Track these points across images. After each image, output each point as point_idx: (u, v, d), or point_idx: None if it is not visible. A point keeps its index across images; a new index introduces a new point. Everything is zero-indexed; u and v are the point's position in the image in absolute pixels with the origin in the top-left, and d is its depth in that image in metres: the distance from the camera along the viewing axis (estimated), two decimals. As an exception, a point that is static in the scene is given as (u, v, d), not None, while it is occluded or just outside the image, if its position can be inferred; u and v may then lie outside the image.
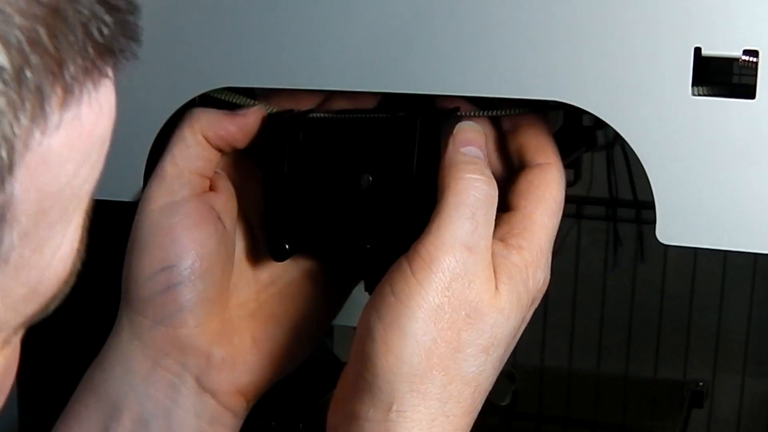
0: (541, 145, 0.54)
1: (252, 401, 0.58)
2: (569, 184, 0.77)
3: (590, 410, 1.15)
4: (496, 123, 0.56)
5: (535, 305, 0.52)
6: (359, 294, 0.58)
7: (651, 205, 0.51)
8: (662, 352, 1.39)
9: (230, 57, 0.54)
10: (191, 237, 0.55)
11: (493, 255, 0.50)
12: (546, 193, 0.52)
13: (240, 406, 0.57)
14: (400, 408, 0.48)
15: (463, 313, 0.49)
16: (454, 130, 0.52)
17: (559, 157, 0.54)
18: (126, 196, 0.57)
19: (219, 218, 0.56)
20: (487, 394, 0.51)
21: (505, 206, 0.52)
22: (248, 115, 0.56)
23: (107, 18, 0.29)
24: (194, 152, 0.56)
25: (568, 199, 0.55)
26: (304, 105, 0.57)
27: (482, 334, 0.49)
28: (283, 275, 0.59)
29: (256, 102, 0.57)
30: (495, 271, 0.50)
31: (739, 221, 0.49)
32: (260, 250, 0.58)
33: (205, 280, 0.55)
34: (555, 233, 0.53)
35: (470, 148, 0.52)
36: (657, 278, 1.37)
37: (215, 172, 0.57)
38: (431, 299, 0.48)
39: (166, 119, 0.56)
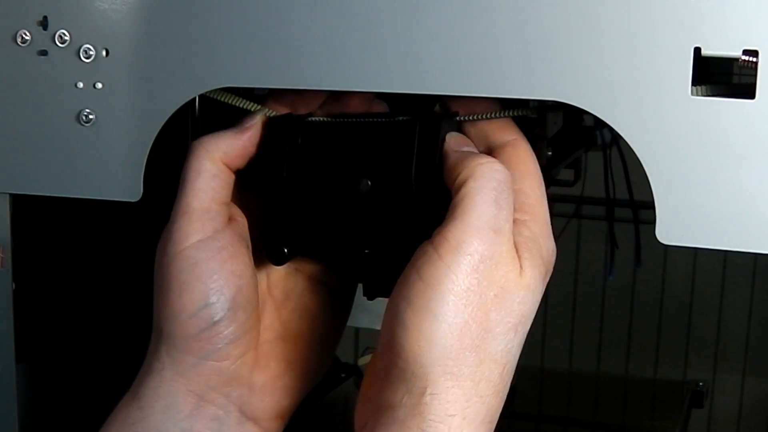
0: (502, 124, 0.55)
1: (287, 422, 0.58)
2: (569, 184, 0.77)
3: (590, 410, 1.15)
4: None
5: (548, 277, 0.53)
6: (359, 295, 0.58)
7: (650, 206, 0.51)
8: (662, 352, 1.39)
9: (230, 57, 0.54)
10: (230, 270, 0.54)
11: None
12: (526, 166, 0.53)
13: (279, 428, 0.58)
14: (434, 391, 0.49)
15: (492, 293, 0.49)
16: (446, 139, 0.53)
17: (519, 134, 0.55)
18: (126, 196, 0.57)
19: (248, 245, 0.56)
20: (512, 373, 0.51)
21: None
22: (253, 126, 0.56)
23: None
24: (218, 182, 0.55)
25: (567, 199, 0.55)
26: (307, 105, 0.57)
27: (511, 312, 0.50)
28: (294, 288, 0.59)
29: (256, 105, 0.57)
30: (516, 249, 0.51)
31: (739, 221, 0.49)
32: (270, 270, 0.58)
33: (246, 310, 0.55)
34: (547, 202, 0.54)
35: (468, 147, 0.53)
36: (657, 278, 1.37)
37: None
38: (461, 282, 0.49)
39: (166, 119, 0.56)
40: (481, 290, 0.49)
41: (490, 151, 0.54)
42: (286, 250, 0.55)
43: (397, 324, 0.49)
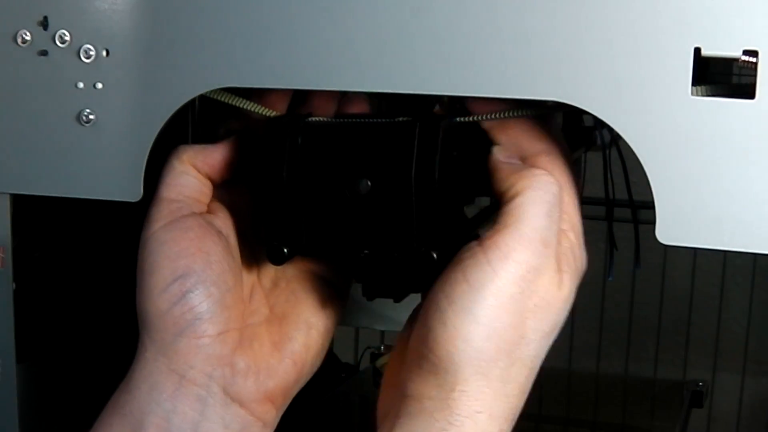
0: (534, 132, 0.55)
1: (281, 408, 0.58)
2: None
3: (590, 410, 1.15)
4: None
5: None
6: (359, 295, 0.58)
7: (650, 206, 0.51)
8: (662, 352, 1.39)
9: (230, 57, 0.54)
10: (197, 246, 0.55)
11: None
12: (563, 176, 0.54)
13: (269, 413, 0.57)
14: (464, 388, 0.50)
15: (533, 303, 0.51)
16: (494, 152, 0.54)
17: (554, 143, 0.55)
18: (126, 196, 0.57)
19: (221, 232, 0.57)
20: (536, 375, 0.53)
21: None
22: (230, 147, 0.58)
23: None
24: (186, 179, 0.57)
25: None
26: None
27: (548, 322, 0.52)
28: (283, 275, 0.60)
29: (256, 105, 0.57)
30: (557, 261, 0.52)
31: (739, 221, 0.49)
32: (258, 258, 0.59)
33: (219, 286, 0.56)
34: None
35: (516, 160, 0.54)
36: (657, 278, 1.37)
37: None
38: (506, 288, 0.50)
39: (166, 119, 0.56)
40: (523, 299, 0.51)
41: (524, 159, 0.54)
42: (285, 250, 0.55)
43: (436, 320, 0.51)
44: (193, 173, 0.58)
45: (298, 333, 0.58)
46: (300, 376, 0.59)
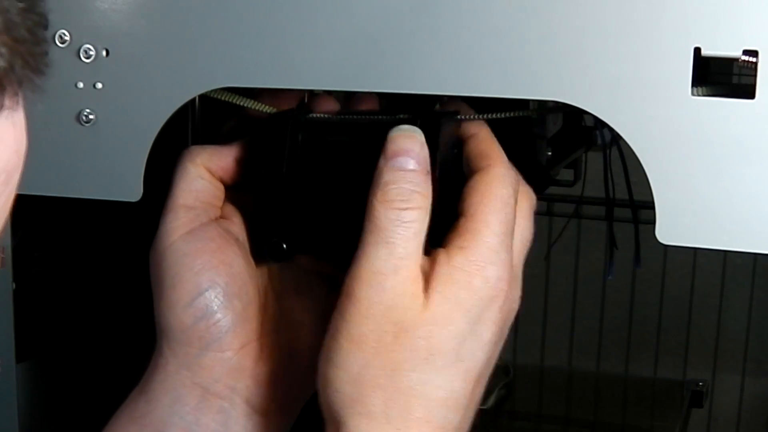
0: (483, 149, 0.54)
1: (296, 414, 0.59)
2: (568, 184, 0.77)
3: (590, 410, 1.15)
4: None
5: (499, 301, 0.52)
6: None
7: (650, 206, 0.51)
8: (662, 352, 1.39)
9: (230, 57, 0.54)
10: (220, 259, 0.55)
11: (433, 264, 0.51)
12: (487, 192, 0.52)
13: (288, 420, 0.58)
14: (347, 430, 0.50)
15: (390, 335, 0.50)
16: (387, 140, 0.52)
17: (501, 156, 0.54)
18: (126, 196, 0.57)
19: (238, 240, 0.57)
20: (458, 400, 0.51)
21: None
22: (241, 148, 0.57)
23: (2, 49, 0.29)
24: (202, 184, 0.57)
25: (567, 199, 0.55)
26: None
27: (415, 347, 0.50)
28: (293, 279, 0.59)
29: (256, 102, 0.57)
30: (429, 282, 0.50)
31: (739, 221, 0.49)
32: (269, 264, 0.59)
33: (241, 298, 0.56)
34: (506, 229, 0.52)
35: (399, 159, 0.51)
36: (657, 278, 1.37)
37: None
38: (353, 330, 0.50)
39: (166, 119, 0.56)
40: (375, 335, 0.50)
41: (470, 174, 0.53)
42: (285, 246, 0.55)
43: (316, 373, 0.52)
44: (207, 177, 0.57)
45: (314, 342, 0.57)
46: (314, 383, 0.58)
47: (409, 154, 0.51)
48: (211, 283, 0.55)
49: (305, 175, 0.54)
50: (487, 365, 0.52)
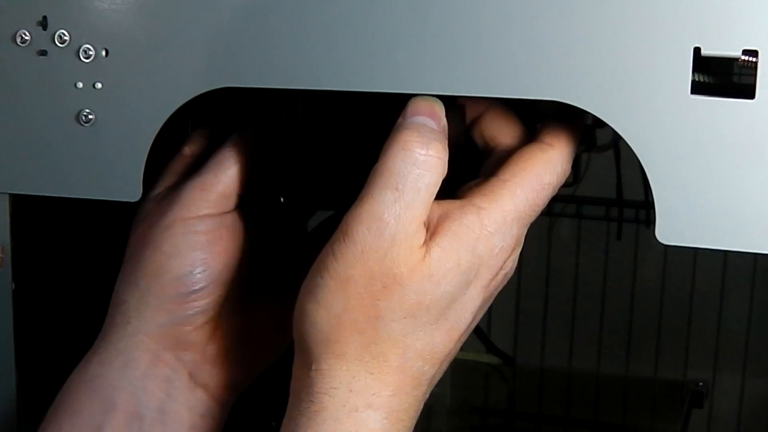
0: (555, 130, 0.54)
1: (239, 393, 0.59)
2: (569, 184, 0.77)
3: (590, 410, 1.15)
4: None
5: (494, 272, 0.51)
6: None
7: (649, 206, 0.51)
8: (662, 352, 1.39)
9: (230, 57, 0.54)
10: (223, 247, 0.56)
11: (445, 215, 0.50)
12: (532, 167, 0.52)
13: (230, 398, 0.58)
14: (318, 367, 0.50)
15: (379, 282, 0.49)
16: (407, 104, 0.52)
17: (569, 148, 0.53)
18: (126, 196, 0.57)
19: (246, 241, 0.58)
20: (436, 354, 0.51)
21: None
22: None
23: None
24: (232, 173, 0.57)
25: (567, 199, 0.55)
26: None
27: (404, 300, 0.49)
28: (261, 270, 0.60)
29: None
30: (436, 234, 0.50)
31: (739, 221, 0.49)
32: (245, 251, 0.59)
33: (225, 289, 0.57)
34: (529, 210, 0.52)
35: (418, 117, 0.51)
36: (657, 278, 1.37)
37: None
38: (342, 271, 0.49)
39: (166, 119, 0.56)
40: (365, 280, 0.49)
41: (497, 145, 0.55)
42: (282, 200, 0.56)
43: (296, 303, 0.51)
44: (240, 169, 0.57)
45: (271, 330, 0.59)
46: (261, 366, 0.60)
47: (431, 115, 0.51)
48: (205, 266, 0.55)
49: (304, 126, 0.54)
50: (469, 328, 0.52)
